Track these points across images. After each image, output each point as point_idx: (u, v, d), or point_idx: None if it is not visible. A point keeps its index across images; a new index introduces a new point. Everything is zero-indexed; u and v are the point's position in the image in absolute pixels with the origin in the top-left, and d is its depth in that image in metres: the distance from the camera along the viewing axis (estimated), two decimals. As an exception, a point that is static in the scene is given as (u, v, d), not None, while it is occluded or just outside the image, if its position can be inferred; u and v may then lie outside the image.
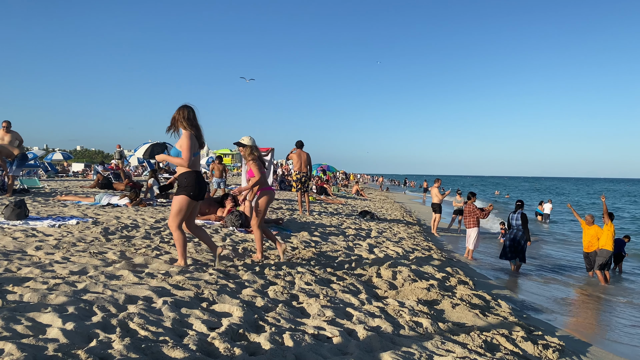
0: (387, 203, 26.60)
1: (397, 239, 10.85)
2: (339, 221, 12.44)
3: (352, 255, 7.70)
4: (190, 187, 5.09)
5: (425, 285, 6.22)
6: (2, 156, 11.19)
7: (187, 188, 5.09)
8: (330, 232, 10.07)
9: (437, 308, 5.37)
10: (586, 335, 6.34)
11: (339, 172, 59.41)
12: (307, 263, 6.46)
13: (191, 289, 4.45)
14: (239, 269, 5.59)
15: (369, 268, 6.81)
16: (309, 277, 5.60)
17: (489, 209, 12.04)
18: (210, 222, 9.09)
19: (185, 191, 5.08)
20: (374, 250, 8.53)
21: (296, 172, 13.12)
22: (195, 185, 5.11)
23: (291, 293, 4.88)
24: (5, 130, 11.68)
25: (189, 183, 5.09)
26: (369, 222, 13.58)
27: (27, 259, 4.97)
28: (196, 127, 5.14)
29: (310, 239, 8.63)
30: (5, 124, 11.64)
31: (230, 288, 4.69)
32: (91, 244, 6.08)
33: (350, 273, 6.37)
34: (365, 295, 5.26)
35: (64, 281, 4.14)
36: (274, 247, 7.08)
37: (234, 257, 6.25)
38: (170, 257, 5.75)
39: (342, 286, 5.52)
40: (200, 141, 5.22)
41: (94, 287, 4.10)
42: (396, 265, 7.26)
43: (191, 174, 5.13)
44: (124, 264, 5.02)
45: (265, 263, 6.10)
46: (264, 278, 5.30)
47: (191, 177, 5.11)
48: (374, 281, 6.19)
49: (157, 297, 4.03)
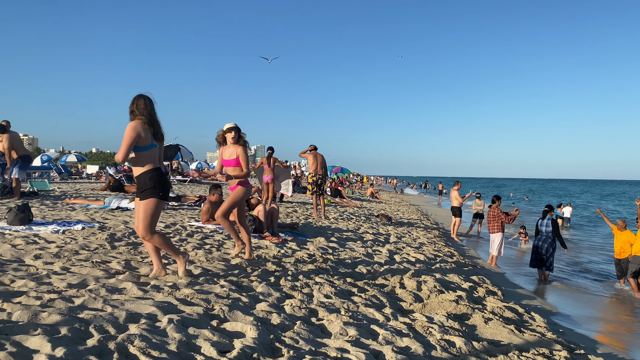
0: (403, 206, 26.09)
1: (417, 244, 10.38)
2: (356, 225, 11.99)
3: (372, 262, 7.25)
4: (157, 188, 4.53)
5: (453, 296, 5.76)
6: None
7: (155, 189, 4.53)
8: (347, 237, 9.63)
9: (468, 323, 4.91)
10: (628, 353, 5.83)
11: (352, 174, 58.91)
12: (325, 272, 6.03)
13: (200, 304, 4.04)
14: (252, 279, 5.17)
15: (391, 277, 6.36)
16: (328, 288, 5.16)
17: (515, 213, 11.50)
18: (223, 227, 8.67)
19: (153, 193, 4.50)
20: (395, 257, 8.07)
21: (311, 174, 12.70)
22: (160, 184, 4.55)
23: (309, 307, 4.45)
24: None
25: (154, 183, 4.52)
26: (386, 226, 13.11)
27: (23, 270, 4.59)
28: (149, 117, 4.53)
29: (327, 245, 8.20)
30: (5, 123, 11.31)
31: (243, 302, 4.27)
32: (95, 252, 5.69)
33: (371, 283, 5.93)
34: (390, 309, 4.81)
35: (60, 296, 3.75)
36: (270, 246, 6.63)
37: (248, 266, 5.82)
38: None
39: (364, 299, 5.08)
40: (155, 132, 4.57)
41: (93, 303, 3.69)
42: (420, 274, 6.81)
43: (154, 173, 4.54)
44: (128, 275, 4.62)
45: (280, 272, 5.68)
46: (280, 290, 4.87)
47: (153, 177, 4.52)
48: (397, 292, 5.74)
49: (162, 315, 3.61)
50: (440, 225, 18.60)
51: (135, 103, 4.57)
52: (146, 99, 4.60)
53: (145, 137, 4.47)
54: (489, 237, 13.27)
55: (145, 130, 4.47)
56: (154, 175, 4.54)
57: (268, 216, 8.59)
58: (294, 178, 27.75)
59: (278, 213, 8.86)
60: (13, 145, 10.81)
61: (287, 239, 8.15)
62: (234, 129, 6.09)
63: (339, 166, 45.27)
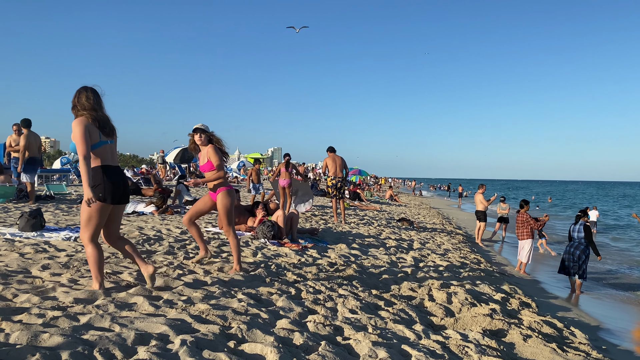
0: (423, 209, 25.58)
1: (442, 250, 9.96)
2: (377, 230, 11.60)
3: (397, 272, 6.87)
4: (98, 187, 4.00)
5: (486, 310, 5.36)
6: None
7: (95, 189, 3.98)
8: (369, 243, 9.25)
9: (505, 341, 4.51)
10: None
11: (370, 176, 58.38)
12: (348, 283, 5.67)
13: (216, 322, 3.71)
14: (272, 292, 4.83)
15: (418, 288, 5.98)
16: (353, 302, 4.80)
17: (545, 219, 10.99)
18: (241, 233, 8.37)
19: (93, 193, 3.90)
20: (420, 266, 7.68)
21: (331, 177, 12.34)
22: (104, 183, 4.02)
23: (334, 324, 4.09)
24: (17, 134, 11.22)
25: (95, 182, 3.99)
26: (408, 231, 12.69)
27: (29, 282, 4.30)
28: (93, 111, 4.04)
29: (349, 252, 7.83)
30: (16, 127, 11.18)
31: (263, 319, 3.93)
32: (106, 261, 5.40)
33: (398, 295, 5.56)
34: (421, 325, 4.43)
35: (64, 313, 3.44)
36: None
37: (267, 276, 5.48)
38: (194, 277, 5.03)
39: (391, 313, 4.71)
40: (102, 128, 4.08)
41: (100, 321, 3.38)
42: (448, 284, 6.41)
43: (97, 171, 4.03)
44: (139, 288, 4.30)
45: (301, 282, 5.33)
46: (302, 304, 4.52)
47: (97, 174, 4.01)
48: (426, 305, 5.36)
49: (175, 335, 3.29)
50: (463, 229, 18.10)
51: (77, 97, 4.10)
52: (89, 92, 4.12)
53: (94, 134, 4.02)
54: (514, 242, 12.79)
55: (91, 126, 4.01)
56: (97, 173, 4.04)
57: (287, 221, 8.26)
58: (312, 181, 27.43)
59: (298, 218, 8.53)
60: (29, 144, 10.64)
61: (307, 245, 7.81)
62: (197, 130, 5.46)
63: (357, 168, 44.86)
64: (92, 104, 4.06)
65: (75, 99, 4.09)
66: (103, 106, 4.19)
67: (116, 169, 4.19)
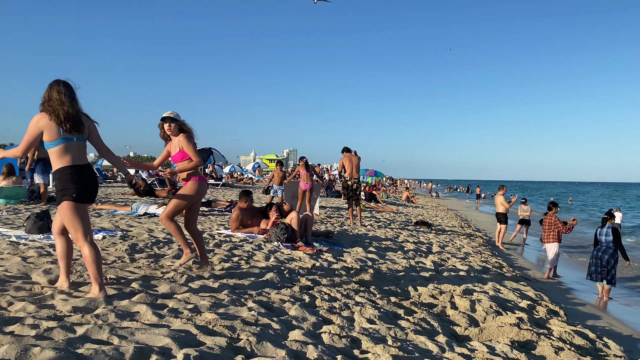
0: (441, 211, 25.13)
1: (463, 254, 9.59)
2: (395, 233, 11.26)
3: (416, 277, 6.54)
4: (70, 189, 3.85)
5: (513, 319, 5.02)
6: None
7: (66, 190, 3.85)
8: (386, 246, 8.93)
9: (535, 354, 4.17)
10: None
11: (386, 178, 57.90)
12: (365, 289, 5.37)
13: (224, 333, 3.43)
14: (284, 299, 4.55)
15: (439, 295, 5.66)
16: (371, 310, 4.50)
17: (573, 223, 10.55)
18: (253, 236, 8.11)
19: (65, 195, 3.84)
20: (440, 270, 7.34)
21: (347, 178, 12.02)
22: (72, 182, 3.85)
23: (351, 336, 3.80)
24: None
25: (64, 185, 3.85)
26: (426, 234, 12.33)
27: (27, 289, 4.07)
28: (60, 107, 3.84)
29: (365, 256, 7.52)
30: None
31: (274, 330, 3.65)
32: (111, 266, 5.17)
33: (418, 303, 5.24)
34: (444, 337, 4.10)
35: (60, 324, 3.19)
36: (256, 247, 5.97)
37: (280, 282, 5.21)
38: (203, 283, 4.76)
39: (412, 323, 4.41)
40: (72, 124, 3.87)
41: (97, 333, 3.12)
42: (471, 291, 6.08)
43: (64, 172, 3.86)
44: (142, 296, 4.04)
45: (315, 289, 5.04)
46: (316, 313, 4.23)
47: (64, 175, 3.85)
48: (449, 314, 5.04)
49: (178, 348, 3.02)
50: (483, 231, 17.66)
51: (48, 91, 3.91)
52: (60, 87, 3.92)
53: (52, 131, 3.82)
54: (535, 245, 12.35)
55: (50, 124, 3.81)
56: (64, 174, 3.86)
57: (302, 224, 7.98)
58: (327, 182, 27.12)
59: (312, 221, 8.24)
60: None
61: (322, 249, 7.52)
62: (166, 118, 5.12)
63: (372, 169, 44.45)
64: (60, 98, 3.87)
65: (47, 93, 3.91)
66: (76, 100, 3.99)
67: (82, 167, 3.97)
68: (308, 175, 12.49)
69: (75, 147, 3.94)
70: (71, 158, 3.89)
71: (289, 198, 13.52)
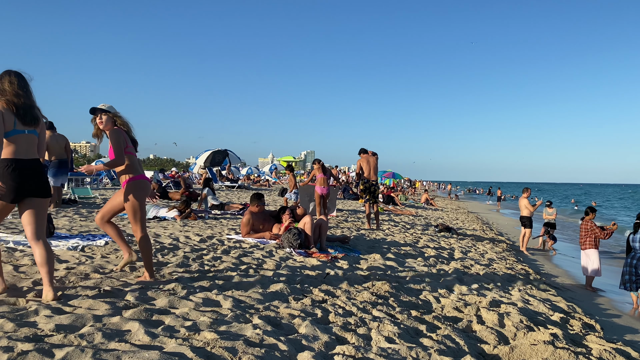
0: (461, 214, 24.51)
1: (486, 260, 9.09)
2: (414, 238, 10.78)
3: (438, 287, 6.08)
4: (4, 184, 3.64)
5: (546, 336, 4.53)
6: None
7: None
8: (406, 252, 8.47)
9: (575, 378, 3.70)
10: None
11: (404, 179, 57.20)
12: (384, 302, 4.94)
13: (223, 357, 3.03)
14: (294, 314, 4.14)
15: (464, 308, 5.19)
16: (390, 327, 4.07)
17: (613, 228, 9.94)
18: (264, 241, 7.71)
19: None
20: (464, 279, 6.86)
21: (364, 180, 11.58)
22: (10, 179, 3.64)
23: (367, 358, 3.38)
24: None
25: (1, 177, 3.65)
26: (448, 238, 11.82)
27: (10, 303, 3.72)
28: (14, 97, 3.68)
29: (383, 263, 7.08)
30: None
31: (281, 352, 3.23)
32: (108, 275, 4.80)
33: (442, 317, 4.79)
34: (472, 358, 3.66)
35: (37, 346, 2.81)
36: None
37: (290, 294, 4.80)
38: (205, 295, 4.38)
39: (435, 341, 3.96)
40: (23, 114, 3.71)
41: (78, 357, 2.75)
42: (498, 302, 5.60)
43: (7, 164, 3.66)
44: (137, 311, 3.67)
45: (329, 302, 4.62)
46: (329, 331, 3.81)
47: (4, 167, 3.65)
48: (475, 329, 4.57)
49: (168, 377, 2.63)
50: (505, 235, 17.05)
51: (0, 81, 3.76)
52: (12, 76, 3.76)
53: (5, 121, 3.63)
54: (562, 249, 11.77)
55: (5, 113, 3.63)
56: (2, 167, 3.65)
57: (316, 229, 7.57)
58: (343, 184, 26.66)
59: (327, 226, 7.82)
60: (48, 146, 10.34)
61: (337, 256, 7.09)
62: (96, 110, 4.58)
63: (391, 171, 43.84)
64: (14, 89, 3.70)
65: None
66: (30, 92, 3.82)
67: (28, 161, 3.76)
68: (325, 179, 11.98)
69: (25, 139, 3.78)
70: (20, 151, 3.72)
71: (305, 201, 13.10)
